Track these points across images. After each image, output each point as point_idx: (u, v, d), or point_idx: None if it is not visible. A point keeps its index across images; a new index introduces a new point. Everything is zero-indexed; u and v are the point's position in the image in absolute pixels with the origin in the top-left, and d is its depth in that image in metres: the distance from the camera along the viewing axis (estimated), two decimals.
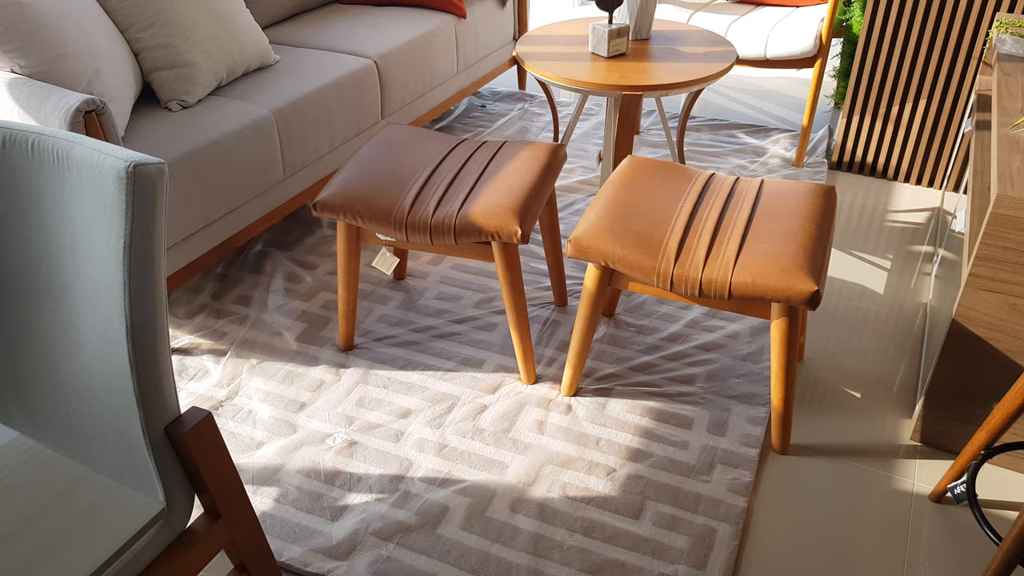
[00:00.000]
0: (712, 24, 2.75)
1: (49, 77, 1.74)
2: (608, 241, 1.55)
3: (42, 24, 1.73)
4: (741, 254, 1.50)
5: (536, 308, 2.07)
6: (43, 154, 0.95)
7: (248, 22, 2.28)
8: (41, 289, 1.00)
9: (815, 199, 1.67)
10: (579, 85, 2.06)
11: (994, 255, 1.44)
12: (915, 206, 2.57)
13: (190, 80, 2.08)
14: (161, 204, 0.89)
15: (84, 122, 1.60)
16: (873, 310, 2.08)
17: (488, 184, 1.73)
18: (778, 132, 3.05)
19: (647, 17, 2.29)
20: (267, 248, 2.34)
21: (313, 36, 2.62)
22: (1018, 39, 2.04)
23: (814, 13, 2.75)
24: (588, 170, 2.81)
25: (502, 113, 3.27)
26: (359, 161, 1.82)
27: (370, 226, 1.69)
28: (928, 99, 2.55)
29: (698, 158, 2.87)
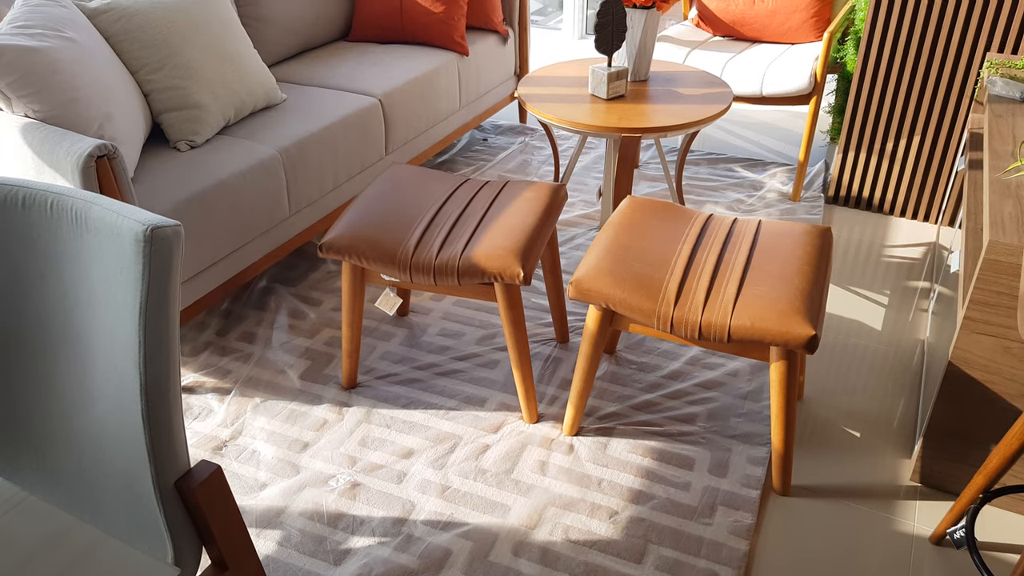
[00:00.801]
0: (708, 62, 2.80)
1: (62, 121, 1.78)
2: (609, 283, 1.57)
3: (56, 70, 1.77)
4: (740, 297, 1.52)
5: (538, 345, 2.09)
6: (62, 213, 0.98)
7: (256, 63, 2.33)
8: (57, 342, 1.02)
9: (811, 241, 1.70)
10: (579, 127, 2.10)
11: (987, 299, 1.47)
12: (911, 241, 2.60)
13: (199, 121, 2.12)
14: (177, 265, 0.92)
15: (96, 167, 1.64)
16: (871, 347, 2.10)
17: (491, 225, 1.76)
18: (775, 166, 3.09)
19: (645, 60, 2.34)
20: (272, 284, 2.37)
21: (319, 74, 2.67)
22: (1008, 81, 2.08)
23: (808, 51, 2.81)
24: (588, 204, 2.84)
25: (504, 147, 3.32)
26: (364, 202, 1.85)
27: (375, 267, 1.72)
28: (922, 135, 2.59)
29: (696, 192, 2.90)
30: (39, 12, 1.87)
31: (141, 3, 2.08)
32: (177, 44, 2.10)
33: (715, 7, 3.03)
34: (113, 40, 2.04)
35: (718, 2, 3.02)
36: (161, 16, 2.09)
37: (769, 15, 2.94)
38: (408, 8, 2.89)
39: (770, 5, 2.93)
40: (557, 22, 4.38)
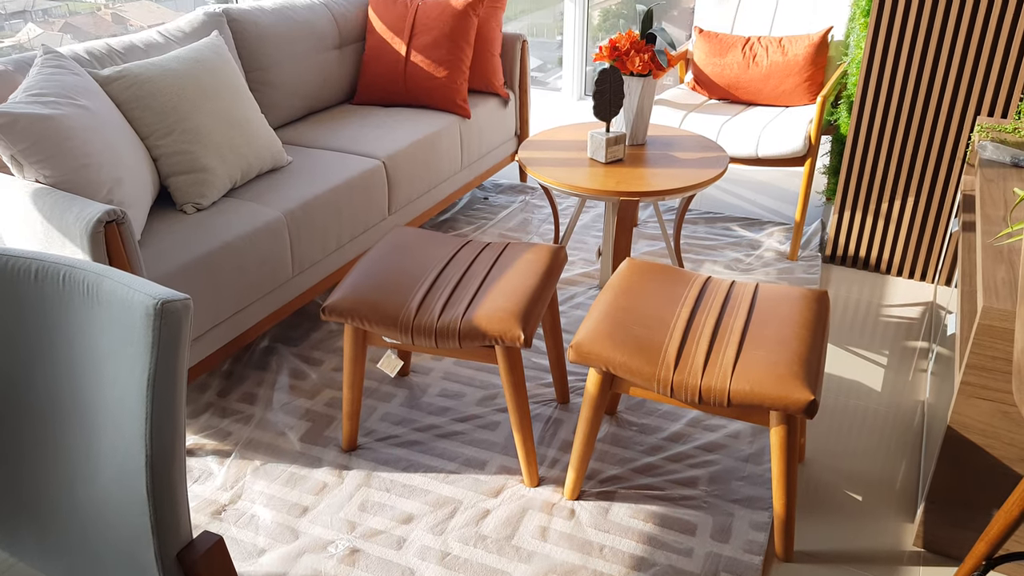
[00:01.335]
0: (704, 125, 2.86)
1: (72, 186, 1.82)
2: (609, 347, 1.59)
3: (68, 137, 1.82)
4: (739, 362, 1.54)
5: (538, 405, 2.10)
6: (73, 286, 1.00)
7: (263, 127, 2.38)
8: (64, 412, 1.03)
9: (808, 304, 1.72)
10: (579, 191, 2.14)
11: (984, 364, 1.48)
12: (909, 300, 2.62)
13: (205, 184, 2.16)
14: (185, 339, 0.94)
15: (104, 232, 1.67)
16: (871, 408, 2.11)
17: (492, 288, 1.78)
18: (772, 225, 3.14)
19: (642, 125, 2.40)
20: (273, 344, 2.38)
21: (324, 137, 2.73)
22: (998, 145, 2.12)
23: (803, 114, 2.87)
24: (588, 262, 2.87)
25: (504, 205, 3.37)
26: (366, 265, 1.88)
27: (377, 330, 1.74)
28: (916, 196, 2.64)
29: (695, 251, 2.94)
30: (53, 80, 1.93)
31: (152, 71, 2.14)
32: (186, 110, 2.16)
33: (710, 71, 3.11)
34: (124, 106, 2.09)
35: (713, 66, 3.10)
36: (171, 83, 2.15)
37: (763, 79, 3.02)
38: (412, 72, 2.97)
39: (764, 70, 3.01)
40: (556, 78, 4.49)
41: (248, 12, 2.71)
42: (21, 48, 2.86)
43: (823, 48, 2.96)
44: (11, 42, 2.86)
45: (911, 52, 2.47)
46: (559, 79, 4.40)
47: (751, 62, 3.03)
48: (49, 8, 2.95)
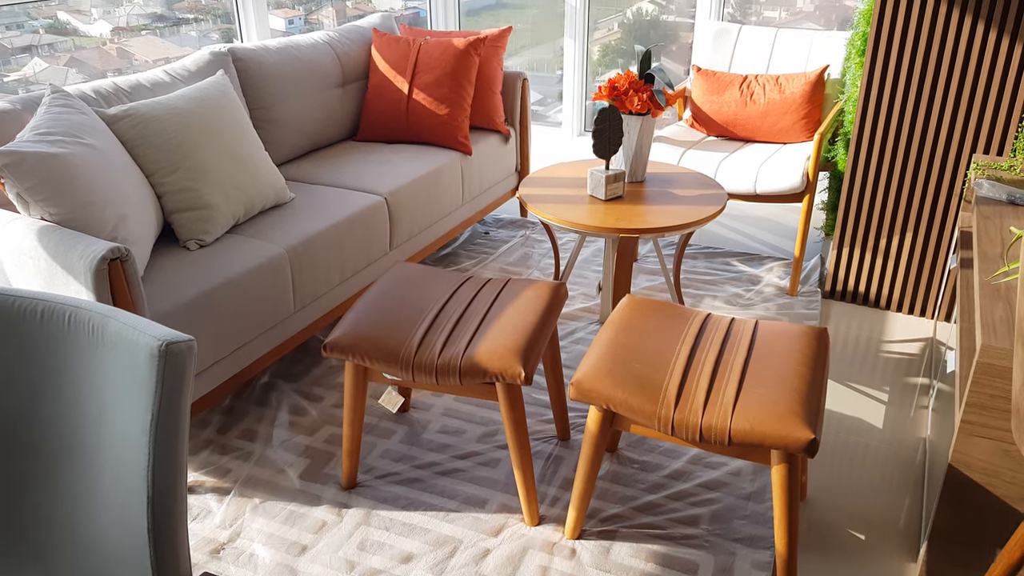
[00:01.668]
0: (703, 162, 2.89)
1: (77, 224, 1.84)
2: (609, 384, 1.59)
3: (74, 175, 1.84)
4: (739, 400, 1.54)
5: (539, 442, 2.09)
6: (79, 326, 1.01)
7: (266, 164, 2.41)
8: (67, 451, 1.04)
9: (808, 342, 1.73)
10: (579, 227, 2.16)
11: (983, 402, 1.49)
12: (909, 336, 2.63)
13: (209, 220, 2.18)
14: (189, 379, 0.95)
15: (108, 269, 1.68)
16: (873, 445, 2.10)
17: (492, 324, 1.79)
18: (771, 260, 3.15)
19: (641, 162, 2.42)
20: (274, 380, 2.38)
21: (327, 173, 2.76)
22: (994, 183, 2.15)
23: (800, 150, 2.91)
24: (588, 297, 2.88)
25: (505, 240, 3.39)
26: (368, 301, 1.89)
27: (378, 366, 1.74)
28: (914, 232, 2.66)
29: (695, 286, 2.95)
30: (60, 119, 1.96)
31: (158, 110, 2.17)
32: (191, 148, 2.19)
33: (708, 109, 3.16)
34: (130, 144, 2.12)
35: (711, 104, 3.14)
36: (177, 121, 2.18)
37: (761, 116, 3.06)
38: (414, 110, 3.01)
39: (761, 107, 3.05)
40: (557, 112, 4.54)
41: (253, 51, 2.76)
42: (27, 81, 2.89)
43: (819, 86, 3.00)
44: (17, 76, 2.89)
45: (906, 90, 2.51)
46: (559, 112, 4.46)
47: (748, 100, 3.07)
48: (55, 43, 2.98)
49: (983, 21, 2.35)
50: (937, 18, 2.39)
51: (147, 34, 3.22)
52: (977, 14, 2.35)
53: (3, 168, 1.76)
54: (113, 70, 3.16)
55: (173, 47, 3.35)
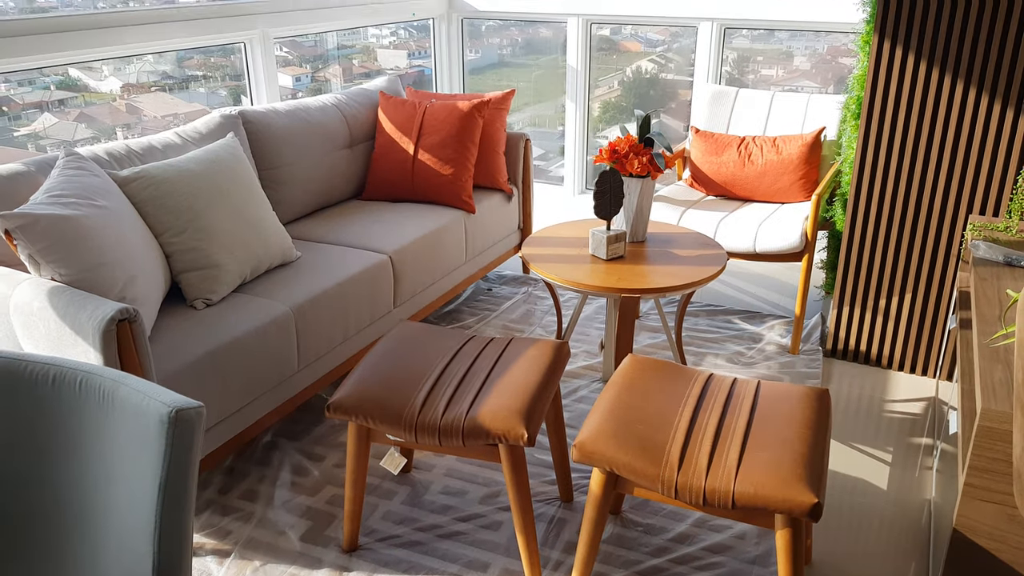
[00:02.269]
0: (702, 222, 2.93)
1: (87, 285, 1.86)
2: (612, 446, 1.59)
3: (86, 236, 1.88)
4: (742, 463, 1.54)
5: (541, 504, 2.08)
6: (90, 392, 1.03)
7: (274, 224, 2.45)
8: (73, 519, 1.04)
9: (810, 404, 1.73)
10: (581, 287, 2.18)
11: (986, 466, 1.49)
12: (911, 395, 2.63)
13: (216, 280, 2.21)
14: (198, 446, 0.96)
15: (116, 330, 1.70)
16: (878, 507, 2.09)
17: (496, 385, 1.80)
18: (773, 318, 3.17)
19: (642, 223, 2.46)
20: (276, 439, 2.38)
21: (333, 232, 2.80)
22: (991, 245, 2.18)
23: (799, 210, 2.95)
24: (591, 355, 2.89)
25: (508, 296, 3.41)
26: (371, 361, 1.90)
27: (381, 427, 1.75)
28: (914, 291, 2.68)
29: (697, 344, 2.96)
30: (73, 181, 2.00)
31: (169, 172, 2.23)
32: (200, 208, 2.23)
33: (707, 169, 3.21)
34: (141, 206, 2.17)
35: (710, 164, 3.21)
36: (187, 183, 2.23)
37: (758, 177, 3.11)
38: (419, 170, 3.07)
39: (759, 168, 3.11)
40: (558, 167, 4.62)
41: (263, 114, 2.83)
42: (36, 136, 2.95)
43: (816, 147, 3.06)
44: (27, 131, 2.95)
45: (901, 152, 2.56)
46: (561, 167, 4.54)
47: (747, 160, 3.13)
48: (65, 99, 3.05)
49: (974, 85, 2.42)
50: (930, 83, 2.46)
51: (156, 90, 3.30)
52: (968, 79, 2.42)
53: (16, 229, 1.80)
54: (122, 125, 3.23)
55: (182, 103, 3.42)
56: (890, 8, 2.45)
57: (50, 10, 3.14)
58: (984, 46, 2.37)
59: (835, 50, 3.81)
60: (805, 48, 3.94)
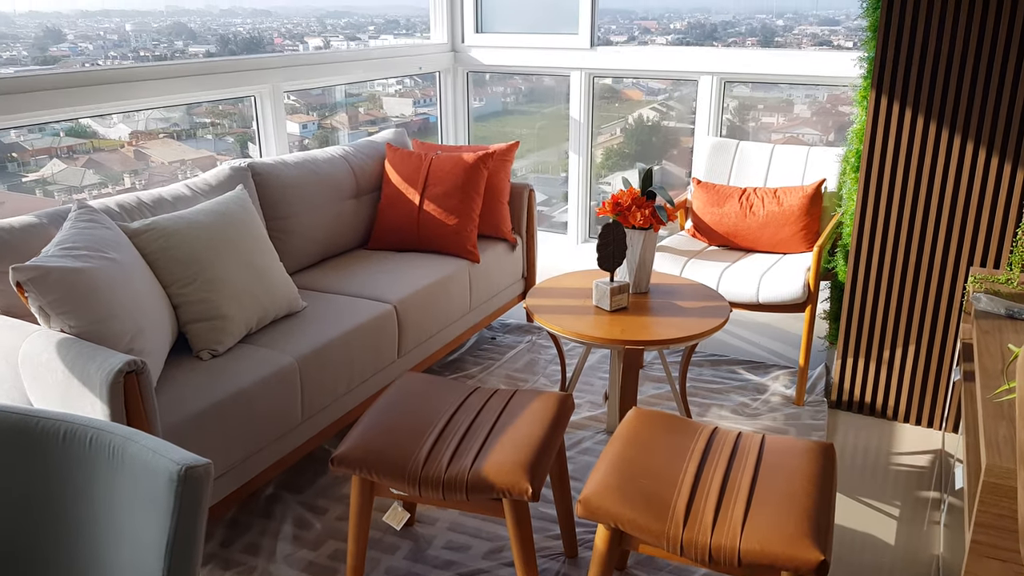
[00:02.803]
0: (705, 272, 2.96)
1: (96, 337, 1.88)
2: (617, 502, 1.59)
3: (96, 289, 1.90)
4: (748, 520, 1.53)
5: (545, 560, 2.06)
6: (100, 449, 1.04)
7: (280, 275, 2.48)
8: (80, 574, 1.04)
9: (815, 458, 1.73)
10: (585, 339, 2.20)
11: (992, 522, 1.48)
12: (917, 448, 2.62)
13: (223, 331, 2.23)
14: (206, 502, 0.96)
15: (123, 382, 1.72)
16: (886, 564, 2.06)
17: (499, 438, 1.80)
18: (777, 368, 3.17)
19: (645, 274, 2.49)
20: (278, 491, 2.37)
21: (338, 282, 2.83)
22: (992, 297, 2.19)
23: (801, 261, 2.98)
24: (595, 405, 2.89)
25: (511, 345, 3.42)
26: (375, 414, 1.91)
27: (385, 481, 1.75)
28: (917, 343, 2.69)
29: (701, 394, 2.96)
30: (85, 234, 2.04)
31: (179, 224, 2.26)
32: (209, 260, 2.26)
33: (709, 219, 3.25)
34: (150, 257, 2.20)
35: (712, 215, 3.24)
36: (197, 235, 2.26)
37: (760, 227, 3.15)
38: (425, 220, 3.11)
39: (761, 219, 3.14)
40: (562, 212, 4.67)
41: (272, 166, 2.88)
42: (44, 182, 2.99)
43: (817, 199, 3.10)
44: (35, 176, 2.99)
45: (901, 204, 2.60)
46: (564, 213, 4.60)
47: (748, 211, 3.17)
48: (74, 145, 3.10)
49: (972, 139, 2.46)
50: (927, 136, 2.51)
51: (164, 137, 3.37)
52: (966, 133, 2.46)
53: (28, 282, 1.82)
54: (129, 171, 3.28)
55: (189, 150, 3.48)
56: (887, 64, 2.51)
57: (62, 59, 3.23)
58: (980, 100, 2.42)
59: (835, 98, 3.88)
60: (806, 97, 4.01)
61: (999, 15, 2.34)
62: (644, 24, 4.55)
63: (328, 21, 4.33)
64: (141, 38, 3.47)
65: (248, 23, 3.88)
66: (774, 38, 4.27)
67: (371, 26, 4.55)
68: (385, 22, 4.63)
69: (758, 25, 4.31)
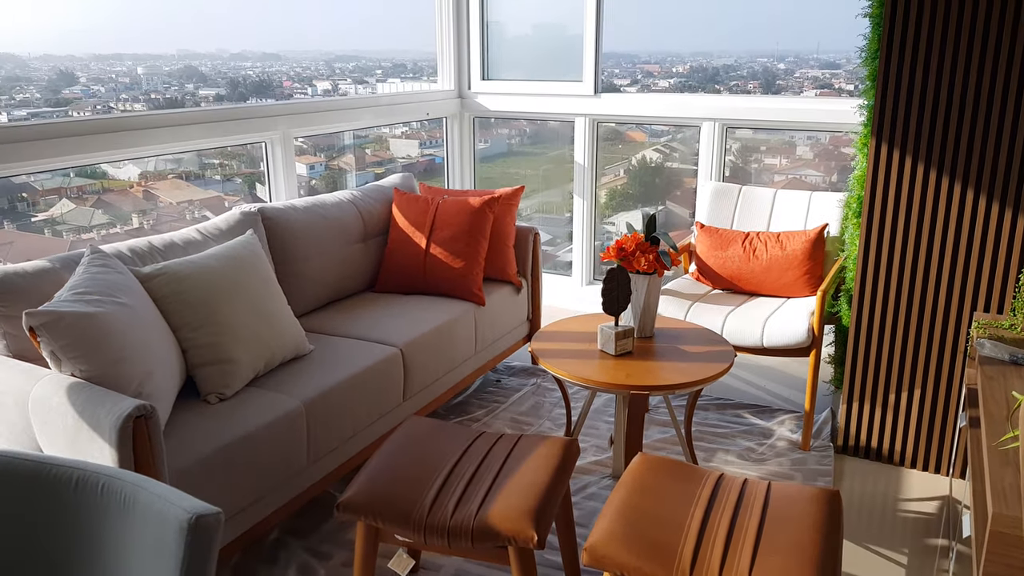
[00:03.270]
0: (709, 316, 2.97)
1: (106, 381, 1.90)
2: (623, 551, 1.58)
3: (107, 334, 1.92)
4: (754, 568, 1.53)
5: None
6: (111, 496, 1.05)
7: (288, 318, 2.51)
8: None
9: (821, 506, 1.73)
10: (591, 384, 2.21)
11: (1000, 572, 1.47)
12: (925, 494, 2.60)
13: (231, 375, 2.24)
14: (215, 551, 0.97)
15: (132, 426, 1.73)
16: None
17: (505, 485, 1.81)
18: (783, 412, 3.17)
19: (649, 319, 2.51)
20: (283, 536, 2.36)
21: (345, 324, 2.85)
22: (996, 343, 2.19)
23: (805, 305, 2.99)
24: (600, 450, 2.88)
25: (516, 388, 3.43)
26: (381, 459, 1.91)
27: (391, 528, 1.75)
28: (923, 387, 2.69)
29: (707, 439, 2.95)
30: (97, 279, 2.07)
31: (189, 268, 2.29)
32: (218, 304, 2.29)
33: (713, 263, 3.28)
34: (161, 302, 2.23)
35: (715, 259, 3.27)
36: (207, 279, 2.29)
37: (764, 271, 3.17)
38: (431, 263, 3.14)
39: (764, 263, 3.17)
40: (566, 251, 4.70)
41: (281, 211, 2.93)
42: (53, 221, 3.02)
43: (820, 243, 3.13)
44: (44, 216, 3.02)
45: (903, 250, 2.62)
46: (568, 252, 4.64)
47: (751, 255, 3.19)
48: (84, 185, 3.14)
49: (972, 185, 2.49)
50: (928, 183, 2.54)
51: (173, 178, 3.42)
52: (966, 179, 2.49)
53: (41, 327, 1.85)
54: (138, 211, 3.32)
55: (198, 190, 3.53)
56: (886, 112, 2.56)
57: (74, 101, 3.30)
58: (980, 147, 2.46)
59: (838, 140, 3.93)
60: (808, 138, 4.06)
61: (996, 64, 2.39)
62: (647, 68, 4.64)
63: (336, 65, 4.42)
64: (152, 81, 3.55)
65: (258, 67, 3.97)
66: (776, 81, 4.34)
67: (378, 70, 4.64)
68: (392, 66, 4.73)
69: (760, 69, 4.39)
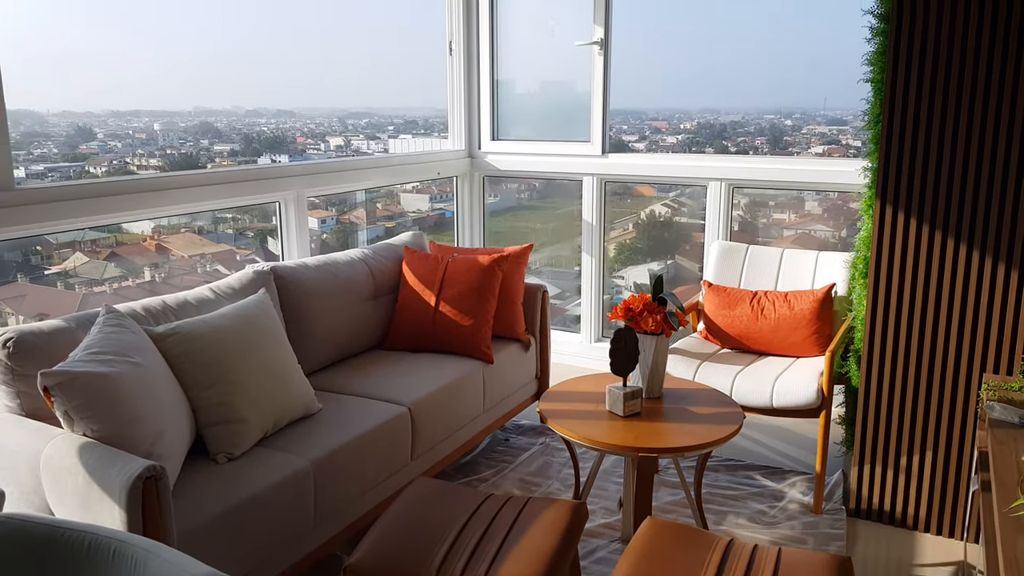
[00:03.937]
0: (718, 376, 2.97)
1: (117, 441, 1.91)
2: None
3: (120, 393, 1.95)
4: None
5: None
6: (122, 561, 1.06)
7: (298, 377, 2.52)
8: None
9: (832, 573, 1.70)
10: (599, 446, 2.20)
11: None
12: (938, 559, 2.55)
13: (240, 434, 2.25)
14: None
15: (142, 486, 1.74)
16: None
17: (512, 549, 1.79)
18: (794, 474, 3.13)
19: (657, 379, 2.51)
20: None
21: (354, 383, 2.86)
22: (1006, 406, 2.18)
23: (814, 364, 2.99)
24: (610, 512, 2.85)
25: (525, 447, 3.41)
26: (388, 522, 1.91)
27: None
28: (935, 450, 2.66)
29: (717, 502, 2.92)
30: (111, 339, 2.10)
31: (202, 328, 2.32)
32: (230, 363, 2.31)
33: (721, 322, 3.29)
34: (173, 361, 2.25)
35: (723, 318, 3.28)
36: (219, 339, 2.32)
37: (772, 331, 3.18)
38: (440, 321, 3.17)
39: (772, 322, 3.17)
40: (575, 305, 4.72)
41: (293, 269, 2.98)
42: (66, 274, 3.06)
43: (827, 303, 3.14)
44: (58, 269, 3.06)
45: (911, 311, 2.63)
46: (577, 306, 4.67)
47: (759, 315, 3.20)
48: (97, 239, 3.19)
49: (978, 248, 2.51)
50: (934, 244, 2.56)
51: (186, 231, 3.47)
52: (971, 241, 2.51)
53: (56, 387, 1.88)
54: (150, 264, 3.36)
55: (210, 243, 3.58)
56: (890, 175, 2.60)
57: (91, 156, 3.38)
58: (984, 209, 2.49)
59: (846, 196, 3.96)
60: (816, 193, 4.10)
61: (997, 127, 2.43)
62: (655, 124, 4.72)
63: (349, 121, 4.53)
64: (168, 136, 3.64)
65: (272, 123, 4.07)
66: (783, 137, 4.41)
67: (390, 126, 4.74)
68: (404, 122, 4.83)
69: (767, 125, 4.46)
